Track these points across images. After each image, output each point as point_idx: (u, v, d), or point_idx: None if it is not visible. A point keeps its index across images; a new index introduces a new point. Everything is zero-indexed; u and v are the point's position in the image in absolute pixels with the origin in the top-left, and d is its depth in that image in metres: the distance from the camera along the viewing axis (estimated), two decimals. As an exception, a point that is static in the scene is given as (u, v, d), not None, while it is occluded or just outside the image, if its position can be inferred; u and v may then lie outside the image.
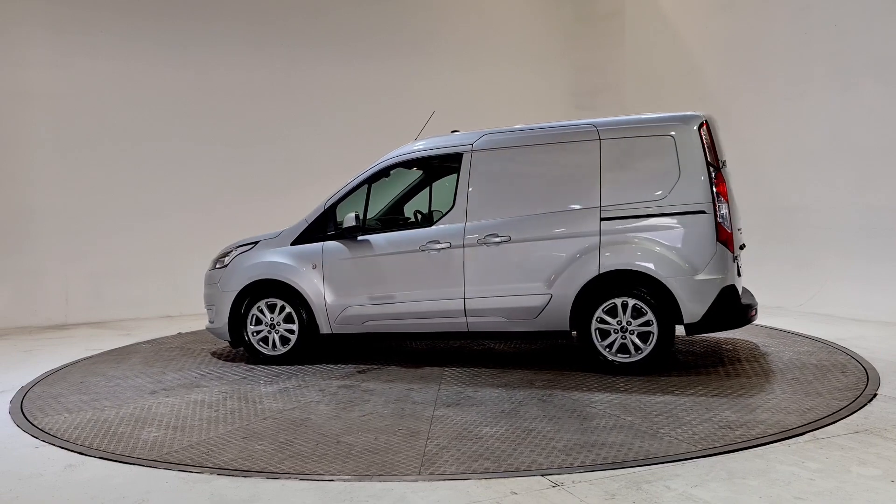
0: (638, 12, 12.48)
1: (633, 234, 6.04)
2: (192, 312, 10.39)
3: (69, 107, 10.32)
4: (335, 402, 5.62)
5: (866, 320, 8.22)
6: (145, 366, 7.10)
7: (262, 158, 11.45)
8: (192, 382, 6.35)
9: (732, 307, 6.01)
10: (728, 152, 6.54)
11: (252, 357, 7.12)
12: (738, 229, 6.34)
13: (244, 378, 6.46)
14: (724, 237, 5.93)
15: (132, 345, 8.30)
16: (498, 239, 6.36)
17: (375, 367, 6.82)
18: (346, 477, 3.97)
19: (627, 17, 12.69)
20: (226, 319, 7.08)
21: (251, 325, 7.03)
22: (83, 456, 4.48)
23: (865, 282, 8.74)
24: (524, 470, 3.98)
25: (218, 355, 7.48)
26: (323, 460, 4.30)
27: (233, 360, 7.25)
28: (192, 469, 4.18)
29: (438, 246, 6.51)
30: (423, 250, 6.56)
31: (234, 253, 7.30)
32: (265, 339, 7.03)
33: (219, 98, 11.20)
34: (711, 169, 5.95)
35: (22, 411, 5.56)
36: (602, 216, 6.11)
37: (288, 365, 6.91)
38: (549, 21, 13.49)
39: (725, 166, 6.17)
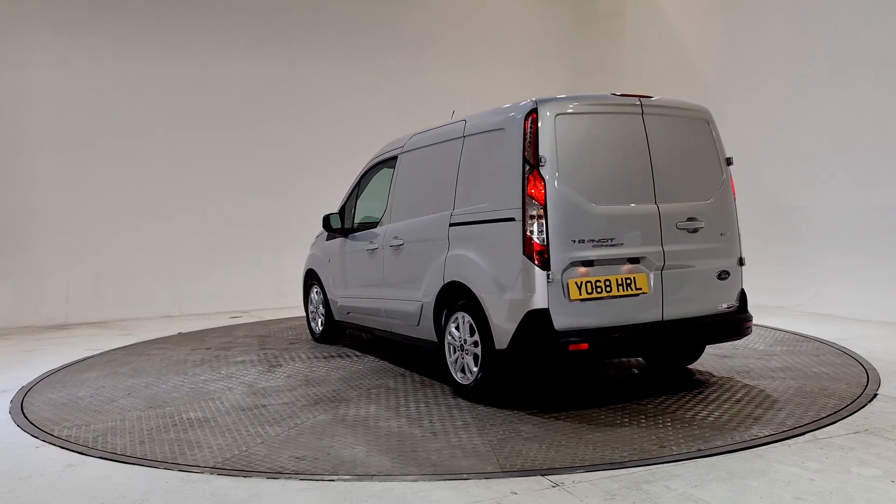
0: (638, 12, 12.49)
1: (466, 243, 5.38)
2: (193, 312, 10.41)
3: (69, 107, 10.33)
4: (223, 374, 6.24)
5: (866, 320, 8.22)
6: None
7: (262, 158, 11.46)
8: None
9: (537, 337, 4.80)
10: (727, 152, 6.45)
11: (310, 333, 8.43)
12: (597, 240, 4.91)
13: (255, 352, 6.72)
14: (534, 250, 4.80)
15: (133, 344, 8.31)
16: (396, 242, 6.28)
17: (356, 355, 7.21)
18: (347, 477, 3.97)
19: (627, 17, 12.70)
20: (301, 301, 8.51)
21: (309, 306, 8.33)
22: (83, 456, 4.48)
23: (865, 282, 8.74)
24: (524, 470, 3.98)
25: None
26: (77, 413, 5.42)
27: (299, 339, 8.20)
28: (192, 469, 4.18)
29: (371, 247, 6.70)
30: (367, 251, 6.82)
31: (312, 242, 8.35)
32: (314, 320, 8.22)
33: (219, 98, 11.21)
34: (526, 167, 4.89)
35: (22, 411, 5.56)
36: (451, 222, 5.57)
37: (323, 343, 8.00)
38: (549, 21, 13.50)
39: (543, 163, 4.85)
